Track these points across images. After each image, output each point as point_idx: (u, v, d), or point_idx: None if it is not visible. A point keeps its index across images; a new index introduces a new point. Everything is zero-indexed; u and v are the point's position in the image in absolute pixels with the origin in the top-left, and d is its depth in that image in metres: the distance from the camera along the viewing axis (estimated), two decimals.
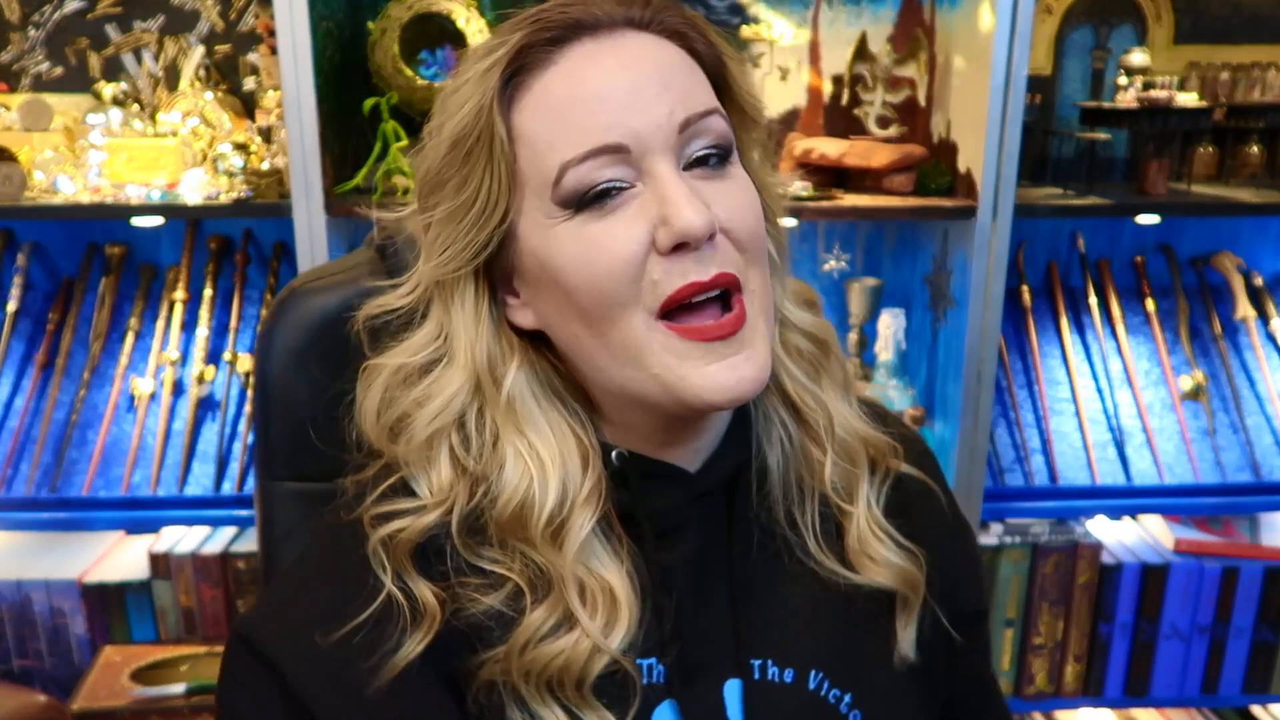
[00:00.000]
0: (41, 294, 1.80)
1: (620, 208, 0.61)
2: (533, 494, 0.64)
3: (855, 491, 0.73)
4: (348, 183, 1.55)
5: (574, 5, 0.63)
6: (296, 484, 0.87)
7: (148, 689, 1.55)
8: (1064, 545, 1.72)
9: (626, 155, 0.61)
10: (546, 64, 0.62)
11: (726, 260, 0.62)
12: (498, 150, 0.62)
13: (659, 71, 0.62)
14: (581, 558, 0.64)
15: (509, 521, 0.64)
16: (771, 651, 0.70)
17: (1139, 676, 1.77)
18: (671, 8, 0.65)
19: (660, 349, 0.62)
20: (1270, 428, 1.74)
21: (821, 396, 0.72)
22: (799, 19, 1.76)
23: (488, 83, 0.62)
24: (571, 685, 0.63)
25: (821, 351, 0.74)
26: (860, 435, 0.74)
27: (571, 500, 0.64)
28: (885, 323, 1.70)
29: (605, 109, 0.60)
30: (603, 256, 0.61)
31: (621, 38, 0.62)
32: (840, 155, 1.67)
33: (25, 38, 1.74)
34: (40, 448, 1.64)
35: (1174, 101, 1.60)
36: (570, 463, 0.65)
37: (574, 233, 0.61)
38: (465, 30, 1.59)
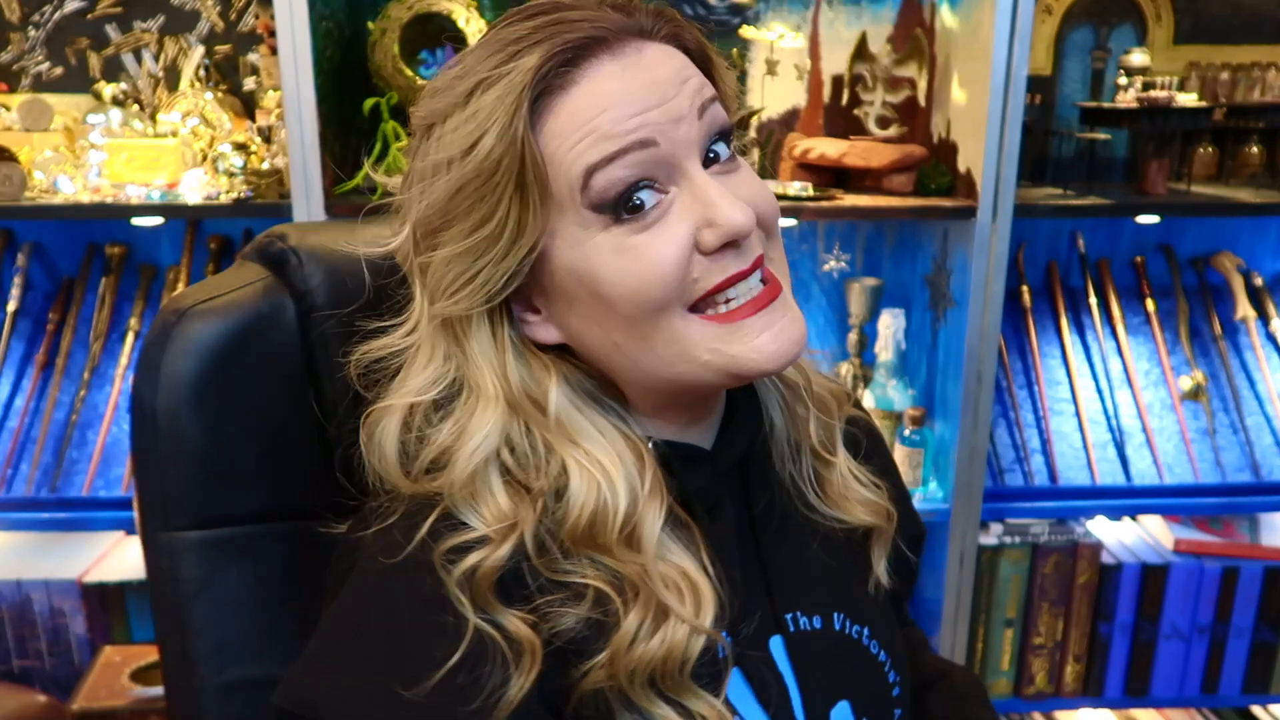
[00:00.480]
0: (41, 294, 1.80)
1: (661, 217, 0.62)
2: (604, 501, 0.63)
3: (833, 441, 0.79)
4: (348, 183, 1.54)
5: (582, 17, 0.62)
6: (202, 532, 0.74)
7: (148, 689, 1.55)
8: (1064, 545, 1.72)
9: (655, 150, 0.61)
10: (568, 84, 0.61)
11: (759, 243, 0.65)
12: (529, 176, 0.60)
13: (675, 74, 0.63)
14: (659, 553, 0.65)
15: (584, 533, 0.63)
16: (800, 603, 0.75)
17: (1139, 676, 1.77)
18: (665, 13, 0.66)
19: (702, 338, 0.63)
20: (1270, 428, 1.74)
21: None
22: (799, 19, 1.76)
23: (511, 110, 0.60)
24: (674, 674, 0.62)
25: None
26: (828, 388, 0.80)
27: (639, 499, 0.65)
28: (885, 323, 1.70)
29: (631, 111, 0.60)
30: (651, 265, 0.61)
31: (636, 51, 0.63)
32: (840, 155, 1.67)
33: (25, 38, 1.74)
34: (40, 448, 1.64)
35: (1174, 101, 1.60)
36: (629, 463, 0.66)
37: (616, 244, 0.62)
38: (465, 30, 1.59)
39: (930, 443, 1.69)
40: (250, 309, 0.76)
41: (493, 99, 0.60)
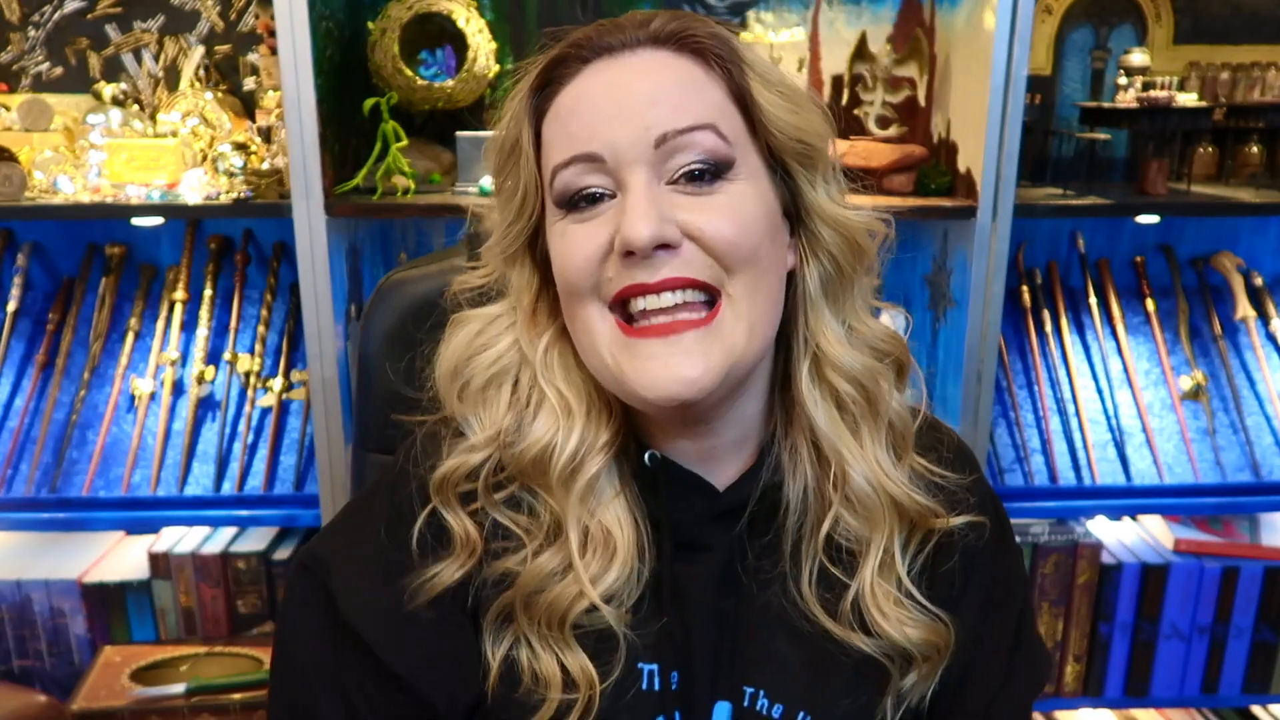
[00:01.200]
0: (41, 294, 1.80)
1: (596, 216, 0.67)
2: (556, 439, 0.70)
3: (866, 551, 0.72)
4: (348, 183, 1.55)
5: (607, 29, 0.69)
6: (382, 455, 0.95)
7: (147, 689, 1.55)
8: (1064, 545, 1.72)
9: (603, 164, 0.66)
10: (567, 80, 0.69)
11: (689, 266, 0.66)
12: (525, 156, 0.70)
13: (653, 88, 0.66)
14: (588, 501, 0.71)
15: (530, 464, 0.71)
16: (765, 682, 0.72)
17: (1139, 676, 1.77)
18: (706, 29, 0.68)
19: (609, 339, 0.68)
20: (1270, 428, 1.74)
21: (843, 444, 0.72)
22: (799, 19, 1.76)
23: (521, 91, 0.71)
24: (556, 626, 0.69)
25: (866, 401, 0.73)
26: (890, 495, 0.72)
27: (588, 446, 0.71)
28: (885, 323, 1.69)
29: (591, 122, 0.66)
30: (573, 254, 0.67)
31: (633, 56, 0.67)
32: (840, 155, 1.67)
33: (25, 38, 1.74)
34: (40, 448, 1.64)
35: (1174, 101, 1.60)
36: (595, 416, 0.72)
37: (562, 231, 0.69)
38: (465, 30, 1.59)
39: None
40: (441, 278, 0.91)
41: (521, 86, 0.71)
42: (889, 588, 0.72)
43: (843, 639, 0.72)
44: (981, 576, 0.77)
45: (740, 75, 0.68)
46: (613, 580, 0.69)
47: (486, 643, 0.71)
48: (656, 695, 0.71)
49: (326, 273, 1.48)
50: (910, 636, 0.71)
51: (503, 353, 0.74)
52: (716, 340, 0.66)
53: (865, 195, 0.80)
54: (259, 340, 1.73)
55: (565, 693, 0.68)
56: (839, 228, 0.72)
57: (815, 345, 0.72)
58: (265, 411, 1.70)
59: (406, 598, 0.70)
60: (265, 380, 1.71)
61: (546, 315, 0.74)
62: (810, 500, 0.73)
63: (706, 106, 0.66)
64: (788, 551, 0.73)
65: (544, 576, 0.69)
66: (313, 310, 1.50)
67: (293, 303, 1.77)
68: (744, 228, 0.66)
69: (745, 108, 0.68)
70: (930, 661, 0.73)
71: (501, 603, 0.70)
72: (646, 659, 0.71)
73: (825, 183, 0.72)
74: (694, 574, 0.72)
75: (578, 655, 0.69)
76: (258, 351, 1.73)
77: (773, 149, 0.69)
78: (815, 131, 0.70)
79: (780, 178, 0.71)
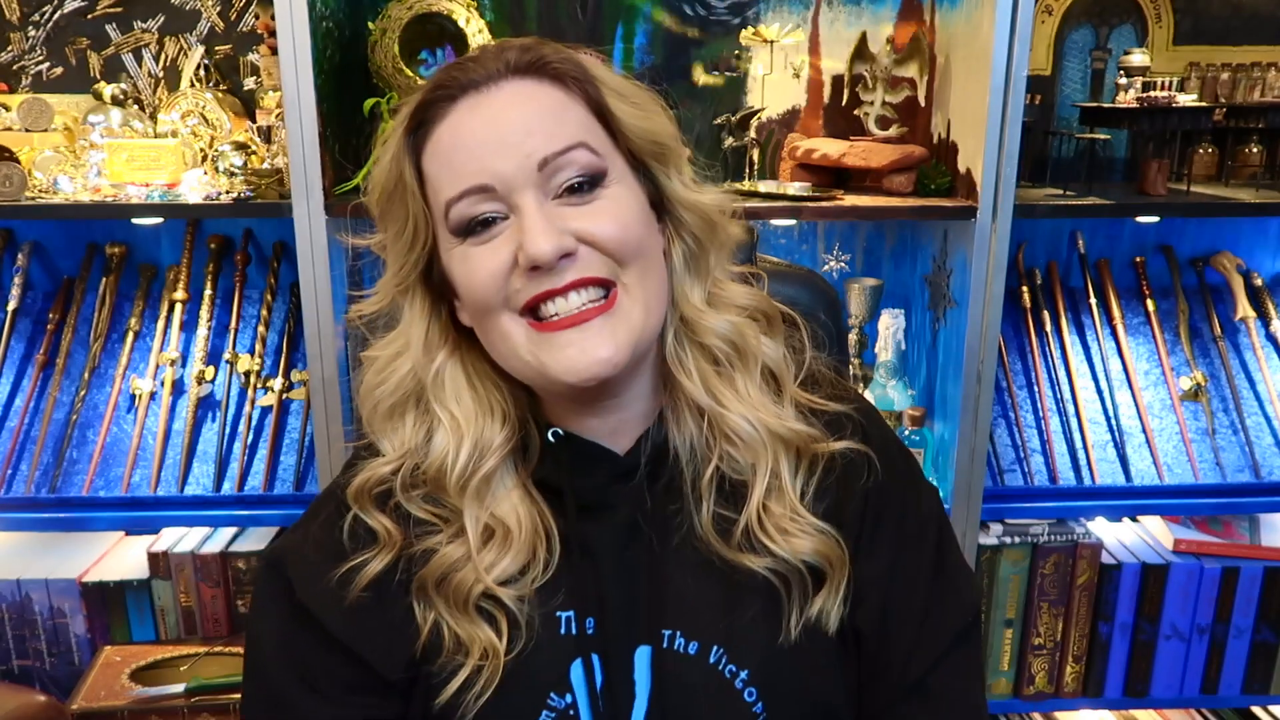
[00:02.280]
0: (41, 294, 1.80)
1: (494, 236, 0.74)
2: (448, 456, 0.79)
3: (753, 480, 0.81)
4: (348, 183, 1.55)
5: (468, 66, 0.75)
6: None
7: (147, 689, 1.55)
8: (1064, 545, 1.72)
9: (494, 193, 0.73)
10: (441, 118, 0.75)
11: (589, 267, 0.74)
12: (411, 193, 0.76)
13: (525, 118, 0.73)
14: (485, 501, 0.80)
15: (433, 478, 0.80)
16: (680, 624, 0.80)
17: (1139, 677, 1.77)
18: (559, 55, 0.76)
19: (525, 340, 0.75)
20: (1270, 428, 1.74)
21: (716, 391, 0.81)
22: (799, 19, 1.76)
23: (396, 136, 0.77)
24: (460, 606, 0.78)
25: (736, 353, 0.83)
26: (768, 429, 0.81)
27: (480, 454, 0.79)
28: (885, 323, 1.70)
29: (475, 156, 0.73)
30: (478, 274, 0.74)
31: (499, 90, 0.74)
32: (840, 155, 1.67)
33: (25, 38, 1.74)
34: (40, 448, 1.64)
35: (1174, 101, 1.60)
36: (488, 428, 0.80)
37: (463, 255, 0.75)
38: (465, 30, 1.59)
39: (930, 443, 1.69)
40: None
41: (395, 129, 0.77)
42: (780, 509, 0.80)
43: (740, 563, 0.79)
44: (890, 514, 0.84)
45: (596, 93, 0.76)
46: (506, 565, 0.78)
47: (417, 611, 0.79)
48: (573, 640, 0.79)
49: (326, 273, 1.48)
50: (802, 549, 0.79)
51: (401, 381, 0.81)
52: (621, 321, 0.74)
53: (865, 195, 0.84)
54: (259, 340, 1.73)
55: (480, 659, 0.77)
56: (695, 210, 0.81)
57: (681, 313, 0.82)
58: (265, 411, 1.70)
59: (341, 583, 0.79)
60: (265, 380, 1.71)
61: (438, 340, 0.82)
62: (697, 447, 0.82)
63: (574, 127, 0.74)
64: (687, 494, 0.81)
65: (449, 565, 0.78)
66: (313, 310, 1.50)
67: (293, 303, 1.77)
68: (626, 225, 0.75)
69: (605, 120, 0.77)
70: (830, 578, 0.80)
71: (419, 579, 0.79)
72: (561, 607, 0.79)
73: (679, 173, 0.81)
74: (600, 531, 0.81)
75: (483, 629, 0.77)
76: (258, 351, 1.73)
77: (633, 152, 0.78)
78: (664, 131, 0.79)
79: (643, 175, 0.79)
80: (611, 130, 0.77)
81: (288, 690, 0.80)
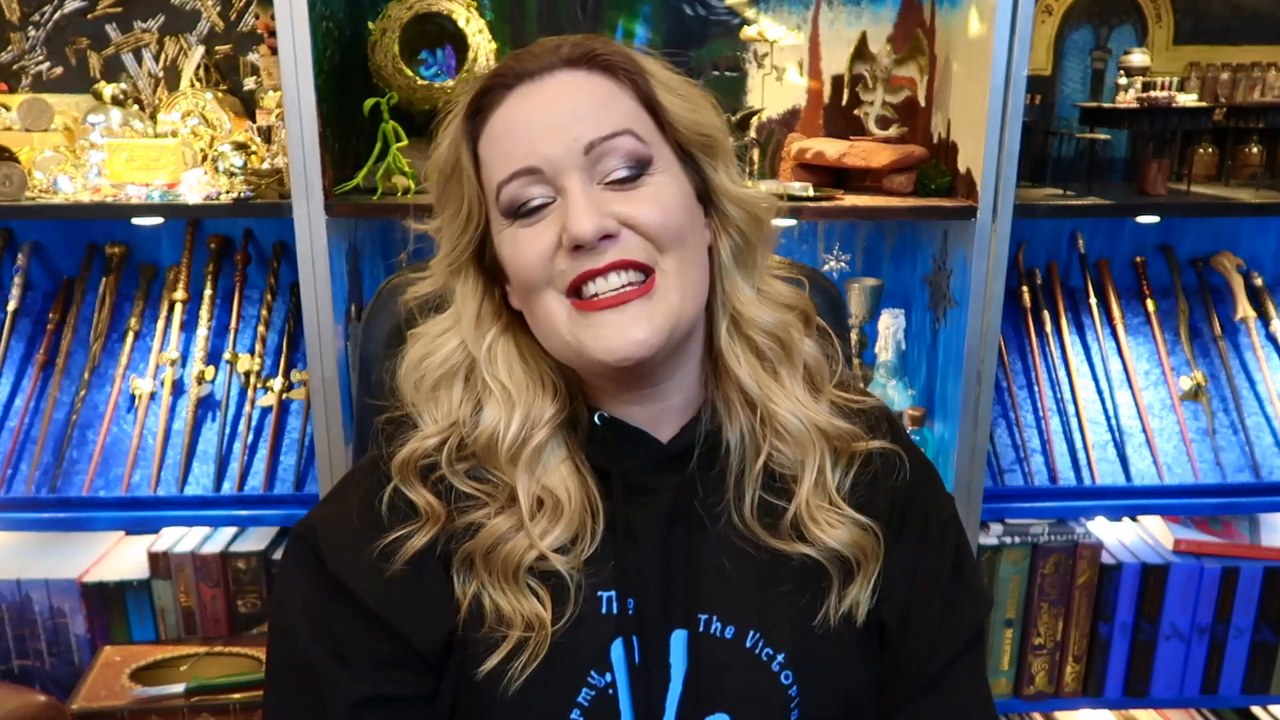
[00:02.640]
0: (41, 294, 1.80)
1: (541, 219, 0.77)
2: (499, 425, 0.81)
3: (801, 474, 0.83)
4: (348, 183, 1.55)
5: (524, 57, 0.79)
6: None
7: (147, 689, 1.55)
8: (1064, 545, 1.72)
9: (541, 175, 0.76)
10: (496, 105, 0.78)
11: (629, 250, 0.76)
12: (466, 176, 0.80)
13: (574, 105, 0.77)
14: (535, 470, 0.81)
15: (483, 449, 0.82)
16: (717, 608, 0.82)
17: (1139, 677, 1.77)
18: (609, 48, 0.79)
19: (566, 319, 0.77)
20: (1270, 428, 1.74)
21: (766, 387, 0.83)
22: (799, 19, 1.76)
23: (455, 121, 0.80)
24: (511, 576, 0.79)
25: (782, 349, 0.85)
26: (815, 425, 0.84)
27: (532, 423, 0.81)
28: (885, 323, 1.70)
29: (526, 139, 0.76)
30: (524, 254, 0.77)
31: (551, 79, 0.78)
32: (840, 155, 1.67)
33: (25, 38, 1.74)
34: (40, 448, 1.64)
35: (1174, 101, 1.60)
36: (539, 401, 0.82)
37: (511, 236, 0.78)
38: (465, 30, 1.59)
39: (930, 443, 1.70)
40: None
41: (455, 114, 0.81)
42: (821, 502, 0.83)
43: (784, 550, 0.82)
44: (914, 513, 0.88)
45: (645, 84, 0.79)
46: (558, 534, 0.80)
47: (456, 585, 0.80)
48: (615, 619, 0.80)
49: (326, 273, 1.48)
50: (841, 538, 0.82)
51: (450, 354, 0.84)
52: (659, 304, 0.76)
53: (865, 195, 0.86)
54: (259, 340, 1.73)
55: (525, 630, 0.78)
56: (742, 204, 0.83)
57: (732, 307, 0.84)
58: (265, 411, 1.70)
59: (381, 556, 0.79)
60: (265, 380, 1.71)
61: (490, 318, 0.84)
62: (746, 440, 0.84)
63: (622, 115, 0.77)
64: (731, 485, 0.84)
65: (497, 536, 0.79)
66: (313, 310, 1.50)
67: (293, 303, 1.77)
68: (669, 212, 0.77)
69: (654, 111, 0.79)
70: (864, 567, 0.83)
71: (464, 551, 0.80)
72: (604, 587, 0.81)
73: (727, 167, 0.83)
74: (644, 515, 0.82)
75: (531, 602, 0.78)
76: (258, 351, 1.73)
77: (680, 143, 0.80)
78: (714, 124, 0.82)
79: (690, 167, 0.81)
80: (660, 121, 0.79)
81: (317, 662, 0.79)
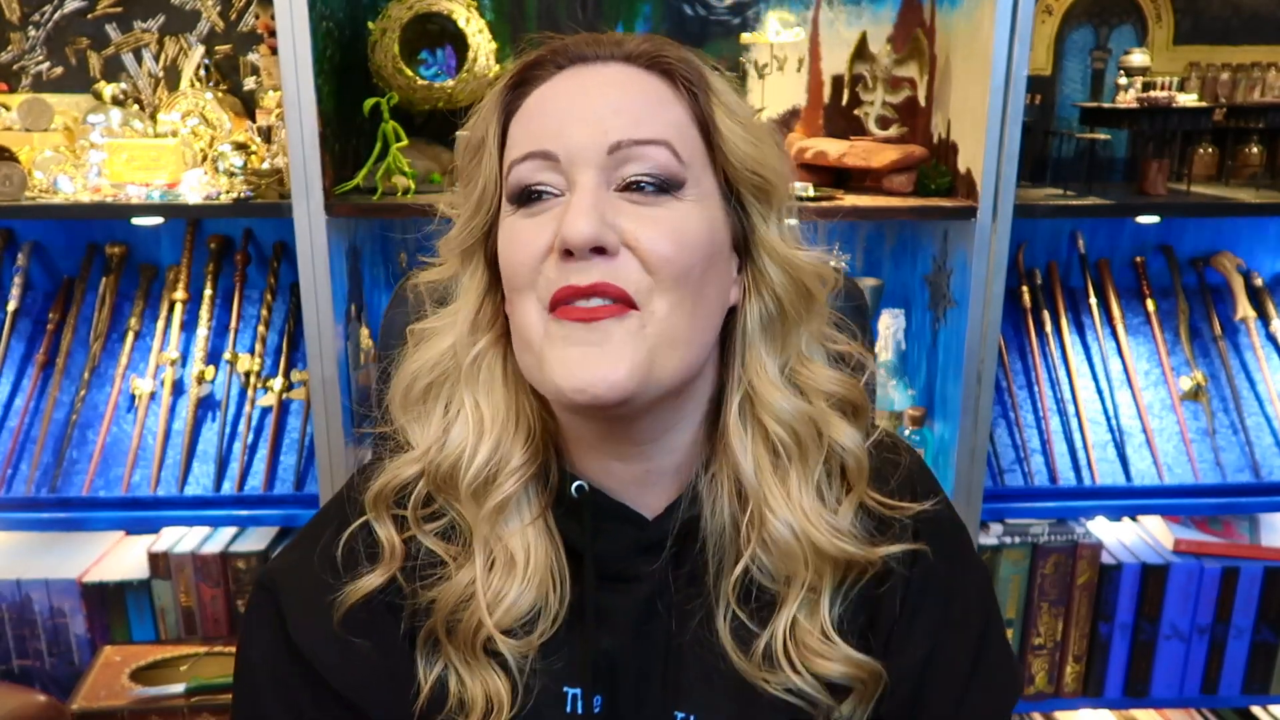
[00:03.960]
0: (41, 294, 1.80)
1: (544, 211, 0.67)
2: (465, 452, 0.71)
3: (786, 593, 0.72)
4: (348, 183, 1.54)
5: (585, 40, 0.71)
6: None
7: (147, 689, 1.55)
8: (1064, 545, 1.72)
9: (556, 163, 0.67)
10: (539, 81, 0.70)
11: (619, 275, 0.65)
12: (489, 152, 0.71)
13: (617, 98, 0.68)
14: (497, 524, 0.72)
15: (444, 476, 0.72)
16: (696, 708, 0.72)
17: (1139, 677, 1.77)
18: (677, 53, 0.70)
19: (541, 330, 0.67)
20: (1270, 428, 1.74)
21: (766, 487, 0.71)
22: (799, 19, 1.76)
23: (496, 94, 0.72)
24: (468, 649, 0.71)
25: (797, 445, 0.72)
26: (814, 544, 0.71)
27: (500, 462, 0.71)
28: (885, 323, 1.70)
29: (554, 120, 0.68)
30: (516, 249, 0.68)
31: (604, 67, 0.70)
32: (840, 155, 1.67)
33: (25, 38, 1.74)
34: (40, 448, 1.64)
35: (1174, 101, 1.60)
36: (509, 438, 0.72)
37: (511, 224, 0.69)
38: (465, 30, 1.59)
39: (930, 443, 1.69)
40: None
41: (497, 84, 0.73)
42: (810, 627, 0.71)
43: (754, 681, 0.71)
44: (934, 599, 0.75)
45: (705, 100, 0.69)
46: (512, 601, 0.70)
47: (420, 665, 0.73)
48: (580, 719, 0.72)
49: (326, 273, 1.48)
50: (830, 671, 0.71)
51: (440, 357, 0.74)
52: (630, 346, 0.64)
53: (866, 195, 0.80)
54: (259, 340, 1.73)
55: (483, 716, 0.70)
56: (787, 267, 0.72)
57: (749, 383, 0.72)
58: (265, 411, 1.70)
59: (342, 624, 0.72)
60: (265, 380, 1.71)
61: (487, 320, 0.74)
62: (727, 538, 0.72)
63: (665, 124, 0.68)
64: (710, 585, 0.73)
65: (456, 600, 0.71)
66: (313, 310, 1.50)
67: (293, 303, 1.77)
68: (681, 245, 0.66)
69: (706, 132, 0.69)
70: (859, 693, 0.72)
71: (428, 627, 0.73)
72: (570, 683, 0.72)
73: (779, 220, 0.73)
74: (619, 603, 0.73)
75: (492, 677, 0.71)
76: (258, 351, 1.73)
77: (729, 177, 0.70)
78: (773, 167, 0.71)
79: (734, 207, 0.71)
80: (710, 144, 0.70)
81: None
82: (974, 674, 0.76)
